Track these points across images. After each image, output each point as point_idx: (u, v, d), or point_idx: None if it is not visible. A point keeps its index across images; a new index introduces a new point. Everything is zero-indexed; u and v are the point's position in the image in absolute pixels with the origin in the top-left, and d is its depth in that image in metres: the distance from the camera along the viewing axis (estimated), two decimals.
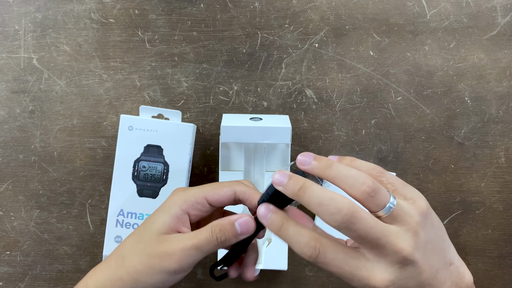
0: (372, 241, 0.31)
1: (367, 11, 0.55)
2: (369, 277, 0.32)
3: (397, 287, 0.32)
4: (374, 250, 0.32)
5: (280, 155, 0.51)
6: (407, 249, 0.31)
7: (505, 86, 0.55)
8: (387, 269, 0.32)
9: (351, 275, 0.32)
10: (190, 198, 0.37)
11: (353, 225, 0.31)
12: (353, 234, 0.31)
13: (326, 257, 0.32)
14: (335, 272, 0.32)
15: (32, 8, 0.54)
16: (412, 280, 0.33)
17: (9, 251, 0.55)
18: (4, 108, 0.55)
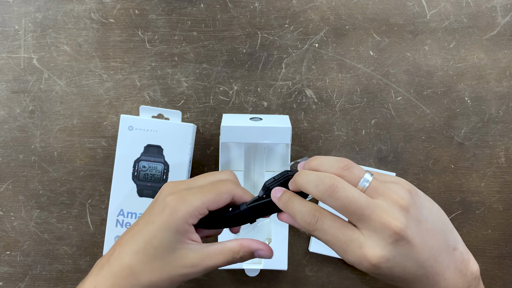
0: (356, 211, 0.32)
1: (367, 11, 0.55)
2: (362, 249, 0.32)
3: (392, 264, 0.32)
4: (363, 223, 0.33)
5: (280, 155, 0.51)
6: (397, 223, 0.32)
7: (505, 86, 0.55)
8: (379, 243, 0.32)
9: (345, 245, 0.33)
10: (194, 213, 0.36)
11: (335, 193, 0.33)
12: (337, 203, 0.33)
13: (324, 224, 0.34)
14: (331, 241, 0.33)
15: (32, 8, 0.54)
16: (409, 260, 0.33)
17: (9, 251, 0.55)
18: (4, 108, 0.55)
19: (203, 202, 0.36)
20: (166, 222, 0.35)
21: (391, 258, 0.32)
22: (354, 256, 0.33)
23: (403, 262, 0.33)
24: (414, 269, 0.33)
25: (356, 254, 0.33)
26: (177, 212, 0.35)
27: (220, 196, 0.37)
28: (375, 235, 0.32)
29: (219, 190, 0.37)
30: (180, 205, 0.36)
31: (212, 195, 0.37)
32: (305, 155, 0.55)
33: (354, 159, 0.55)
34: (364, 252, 0.32)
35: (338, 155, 0.55)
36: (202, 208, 0.36)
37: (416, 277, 0.33)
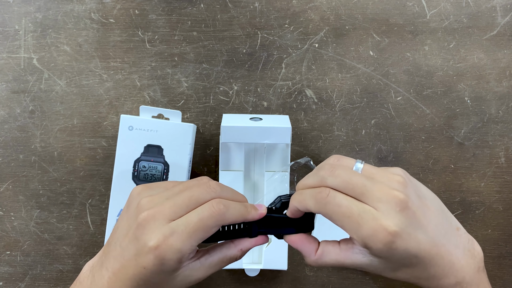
0: (358, 184, 0.33)
1: (367, 11, 0.55)
2: (377, 220, 0.32)
3: (407, 236, 0.32)
4: (367, 196, 0.33)
5: (280, 155, 0.51)
6: (399, 193, 0.32)
7: (505, 86, 0.55)
8: (390, 212, 0.32)
9: (359, 217, 0.32)
10: (184, 257, 0.34)
11: (334, 170, 0.34)
12: (338, 180, 0.34)
13: (336, 197, 0.33)
14: (345, 213, 0.33)
15: (32, 8, 0.54)
16: (421, 233, 0.33)
17: (9, 251, 0.55)
18: (4, 108, 0.55)
19: (191, 245, 0.33)
20: (158, 269, 0.33)
21: (404, 227, 0.32)
22: (369, 229, 0.32)
23: (416, 235, 0.32)
24: (428, 246, 0.33)
25: (371, 225, 0.32)
26: (167, 261, 0.33)
27: (208, 232, 0.34)
28: (382, 205, 0.32)
29: (206, 226, 0.34)
30: (168, 253, 0.33)
31: (199, 234, 0.34)
32: (305, 155, 0.55)
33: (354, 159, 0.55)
34: (380, 222, 0.32)
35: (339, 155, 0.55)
36: (191, 249, 0.34)
37: (431, 257, 0.33)
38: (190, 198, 0.35)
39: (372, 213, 0.32)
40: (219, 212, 0.34)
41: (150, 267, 0.33)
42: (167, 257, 0.33)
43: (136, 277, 0.34)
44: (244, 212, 0.36)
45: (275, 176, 0.51)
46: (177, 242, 0.33)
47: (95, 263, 0.37)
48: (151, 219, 0.34)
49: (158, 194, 0.36)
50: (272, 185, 0.51)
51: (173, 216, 0.34)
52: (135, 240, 0.34)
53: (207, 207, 0.34)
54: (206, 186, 0.36)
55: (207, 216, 0.34)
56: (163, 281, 0.35)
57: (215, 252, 0.37)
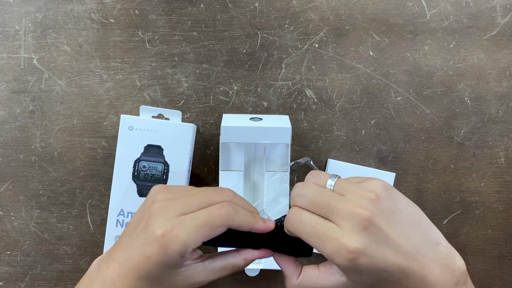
0: (322, 205, 0.34)
1: (367, 11, 0.55)
2: (339, 238, 0.32)
3: (371, 252, 0.32)
4: (332, 214, 0.33)
5: (280, 155, 0.51)
6: (363, 211, 0.33)
7: (504, 86, 0.55)
8: (352, 230, 0.32)
9: (323, 236, 0.33)
10: (188, 249, 0.34)
11: (302, 189, 0.35)
12: (304, 200, 0.35)
13: (302, 216, 0.35)
14: (310, 232, 0.34)
15: (33, 8, 0.54)
16: (388, 249, 0.33)
17: (9, 251, 0.55)
18: (5, 108, 0.55)
19: (196, 239, 0.34)
20: (161, 259, 0.34)
21: (367, 244, 0.32)
22: (332, 247, 0.33)
23: (382, 251, 0.33)
24: (396, 260, 0.33)
25: (333, 244, 0.33)
26: (170, 251, 0.34)
27: (215, 230, 0.35)
28: (346, 223, 0.33)
29: (214, 223, 0.35)
30: (173, 243, 0.34)
31: (206, 230, 0.35)
32: (305, 155, 0.55)
33: (354, 159, 0.55)
34: (341, 241, 0.32)
35: (338, 155, 0.55)
36: (195, 244, 0.34)
37: (402, 270, 0.33)
38: (203, 197, 0.37)
39: (336, 231, 0.33)
40: (227, 213, 0.35)
41: (153, 256, 0.34)
42: (171, 248, 0.33)
43: (140, 267, 0.34)
44: (252, 220, 0.37)
45: (275, 176, 0.51)
46: (183, 233, 0.34)
47: (103, 256, 0.38)
48: (163, 210, 0.35)
49: (175, 193, 0.37)
50: (272, 185, 0.51)
51: (184, 210, 0.35)
52: (145, 229, 0.35)
53: (217, 206, 0.36)
54: (220, 190, 0.38)
55: (216, 214, 0.35)
56: (164, 275, 0.35)
57: (219, 258, 0.38)
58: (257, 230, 0.37)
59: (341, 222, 0.33)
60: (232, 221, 0.36)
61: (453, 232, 0.56)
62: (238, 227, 0.36)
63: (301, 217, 0.35)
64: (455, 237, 0.56)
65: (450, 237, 0.56)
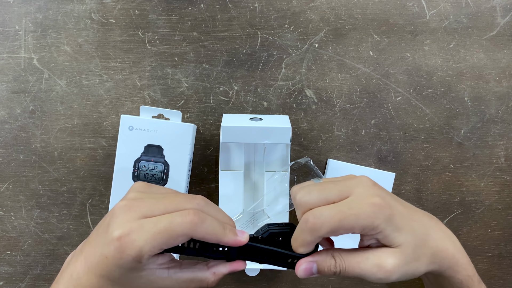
0: (331, 188, 0.35)
1: (367, 12, 0.55)
2: (364, 200, 0.34)
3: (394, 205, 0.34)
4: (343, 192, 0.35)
5: (280, 155, 0.52)
6: (364, 177, 0.36)
7: (504, 86, 0.55)
8: (368, 190, 0.35)
9: (350, 210, 0.34)
10: (144, 256, 0.32)
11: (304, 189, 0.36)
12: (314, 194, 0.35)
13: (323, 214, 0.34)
14: (340, 217, 0.33)
15: (33, 8, 0.54)
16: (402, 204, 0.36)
17: (9, 251, 0.55)
18: (5, 108, 0.55)
19: (153, 247, 0.32)
20: (117, 262, 0.33)
21: (384, 194, 0.35)
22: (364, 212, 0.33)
23: (400, 205, 0.35)
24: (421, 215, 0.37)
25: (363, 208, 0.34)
26: (125, 256, 0.32)
27: (174, 239, 0.32)
28: (358, 189, 0.35)
29: (174, 232, 0.32)
30: (128, 248, 0.32)
31: (164, 238, 0.32)
32: (305, 155, 0.55)
33: (354, 159, 0.55)
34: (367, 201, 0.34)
35: (338, 155, 0.55)
36: (152, 251, 0.32)
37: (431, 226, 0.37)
38: (171, 202, 0.34)
39: (355, 200, 0.34)
40: (191, 221, 0.33)
41: (110, 258, 0.33)
42: (126, 252, 0.32)
43: (100, 266, 0.33)
44: (219, 232, 0.34)
45: (275, 176, 0.51)
46: (140, 239, 0.32)
47: (76, 250, 0.37)
48: (126, 210, 0.34)
49: (147, 194, 0.36)
50: (272, 185, 0.51)
51: (147, 213, 0.33)
52: (106, 228, 0.34)
53: (181, 213, 0.33)
54: (192, 197, 0.35)
55: (177, 222, 0.32)
56: (125, 277, 0.34)
57: (187, 270, 0.36)
58: (226, 243, 0.34)
59: (355, 191, 0.34)
60: (195, 231, 0.33)
61: (453, 232, 0.56)
62: (203, 238, 0.33)
63: (323, 214, 0.33)
64: None
65: None
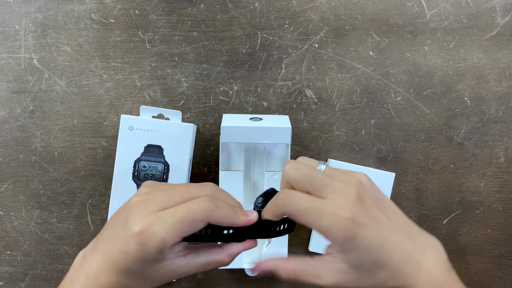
0: (317, 179, 0.35)
1: (367, 12, 0.55)
2: (336, 210, 0.33)
3: (367, 225, 0.33)
4: (326, 188, 0.34)
5: (280, 155, 0.52)
6: (355, 188, 0.34)
7: (504, 86, 0.55)
8: (348, 203, 0.34)
9: (319, 210, 0.34)
10: (166, 245, 0.33)
11: (297, 164, 0.36)
12: (299, 172, 0.35)
13: (295, 196, 0.35)
14: (306, 209, 0.34)
15: (33, 8, 0.54)
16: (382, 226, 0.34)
17: (9, 251, 0.55)
18: (5, 108, 0.55)
19: (175, 235, 0.33)
20: (139, 256, 0.33)
21: (362, 215, 0.33)
22: (329, 219, 0.33)
23: (376, 226, 0.34)
24: (392, 237, 0.34)
25: (330, 217, 0.33)
26: (148, 249, 0.33)
27: (193, 226, 0.34)
28: (340, 197, 0.34)
29: (192, 219, 0.34)
30: (151, 241, 0.33)
31: (184, 226, 0.33)
32: (305, 155, 0.55)
33: (354, 159, 0.55)
34: (338, 212, 0.33)
35: (338, 155, 0.55)
36: (174, 240, 0.33)
37: (399, 249, 0.34)
38: (184, 192, 0.36)
39: (331, 205, 0.34)
40: (206, 208, 0.34)
41: (132, 253, 0.33)
42: (149, 245, 0.33)
43: (120, 262, 0.34)
44: (233, 215, 0.36)
45: (275, 176, 0.51)
46: (161, 231, 0.33)
47: (88, 248, 0.38)
48: (142, 205, 0.35)
49: (158, 188, 0.37)
50: (272, 185, 0.51)
51: (164, 205, 0.34)
52: (124, 224, 0.34)
53: (196, 201, 0.34)
54: (203, 185, 0.37)
55: (194, 209, 0.34)
56: (146, 270, 0.35)
57: (203, 254, 0.37)
58: (239, 225, 0.36)
59: (335, 197, 0.34)
60: (211, 216, 0.34)
61: (453, 232, 0.56)
62: (218, 222, 0.35)
63: (295, 197, 0.35)
64: (455, 237, 0.56)
65: (450, 237, 0.56)
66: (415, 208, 0.56)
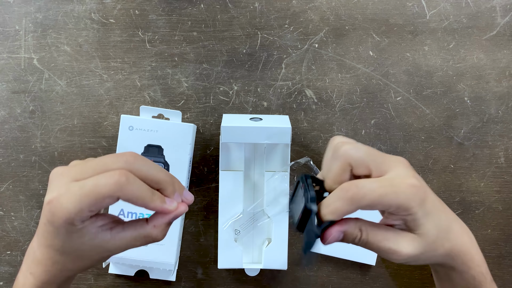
0: (377, 154, 0.34)
1: (367, 12, 0.55)
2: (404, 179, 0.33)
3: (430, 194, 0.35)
4: (387, 164, 0.34)
5: (280, 155, 0.52)
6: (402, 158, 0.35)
7: (504, 86, 0.55)
8: (408, 172, 0.34)
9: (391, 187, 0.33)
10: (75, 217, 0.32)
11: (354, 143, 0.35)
12: (361, 152, 0.34)
13: (366, 185, 0.33)
14: (381, 193, 0.32)
15: (33, 8, 0.54)
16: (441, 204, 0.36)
17: (9, 251, 0.55)
18: (5, 108, 0.55)
19: (81, 209, 0.32)
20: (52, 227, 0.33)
21: (419, 177, 0.34)
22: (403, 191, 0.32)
23: (429, 189, 0.35)
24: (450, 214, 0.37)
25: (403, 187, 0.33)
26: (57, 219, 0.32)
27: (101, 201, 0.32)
28: (398, 167, 0.34)
29: (99, 193, 0.32)
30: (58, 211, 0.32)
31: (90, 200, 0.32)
32: (305, 155, 0.55)
33: None
34: (407, 181, 0.33)
35: None
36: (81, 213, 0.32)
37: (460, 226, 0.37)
38: (97, 162, 0.34)
39: (398, 178, 0.33)
40: (116, 182, 0.32)
41: (46, 223, 0.33)
42: (57, 215, 0.32)
43: (44, 235, 0.34)
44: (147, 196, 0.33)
45: (275, 176, 0.51)
46: (68, 201, 0.32)
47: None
48: (58, 175, 0.34)
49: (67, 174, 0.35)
50: (272, 185, 0.51)
51: (77, 176, 0.33)
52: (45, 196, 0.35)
53: (106, 175, 0.32)
54: (119, 155, 0.34)
55: (103, 183, 0.32)
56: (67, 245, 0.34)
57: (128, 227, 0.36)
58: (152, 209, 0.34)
59: (395, 170, 0.34)
60: (120, 191, 0.32)
61: None
62: (129, 200, 0.33)
63: (366, 186, 0.32)
64: None
65: None
66: None
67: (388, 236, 0.35)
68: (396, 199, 0.32)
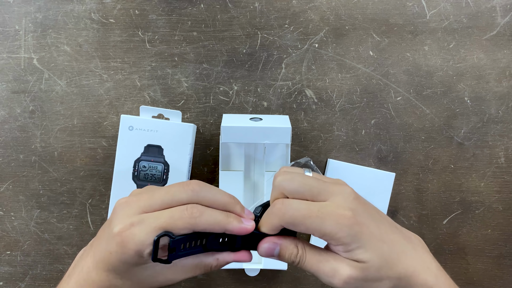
0: (314, 186, 0.34)
1: (367, 12, 0.55)
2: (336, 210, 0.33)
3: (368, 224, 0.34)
4: (324, 194, 0.34)
5: (280, 155, 0.52)
6: (349, 188, 0.35)
7: (504, 86, 0.55)
8: (346, 201, 0.34)
9: (319, 213, 0.33)
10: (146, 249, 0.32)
11: (290, 175, 0.35)
12: (295, 183, 0.35)
13: (293, 204, 0.34)
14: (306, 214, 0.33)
15: (33, 8, 0.54)
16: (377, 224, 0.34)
17: (9, 251, 0.55)
18: (5, 108, 0.55)
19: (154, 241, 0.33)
20: (120, 256, 0.33)
21: (361, 211, 0.34)
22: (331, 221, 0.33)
23: (375, 222, 0.34)
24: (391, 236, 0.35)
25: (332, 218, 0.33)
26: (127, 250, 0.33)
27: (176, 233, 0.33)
28: (337, 198, 0.34)
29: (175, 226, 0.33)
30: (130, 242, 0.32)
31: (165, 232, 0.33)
32: (305, 155, 0.55)
33: (354, 159, 0.55)
34: (338, 212, 0.33)
35: (338, 155, 0.55)
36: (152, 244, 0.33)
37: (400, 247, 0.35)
38: (166, 192, 0.34)
39: (330, 206, 0.33)
40: (190, 216, 0.33)
41: (114, 252, 0.33)
42: (128, 246, 0.32)
43: (105, 261, 0.34)
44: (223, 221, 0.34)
45: None
46: (141, 233, 0.32)
47: (88, 245, 0.38)
48: (125, 206, 0.34)
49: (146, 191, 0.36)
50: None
51: (146, 207, 0.34)
52: (109, 224, 0.34)
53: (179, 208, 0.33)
54: (186, 184, 0.35)
55: (177, 216, 0.33)
56: (130, 271, 0.34)
57: (190, 256, 0.36)
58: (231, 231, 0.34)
59: (333, 198, 0.34)
60: (196, 224, 0.33)
61: (453, 232, 0.56)
62: (205, 229, 0.33)
63: (292, 204, 0.34)
64: (455, 237, 0.56)
65: (450, 237, 0.56)
66: (415, 208, 0.56)
67: (328, 258, 0.35)
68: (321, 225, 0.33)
